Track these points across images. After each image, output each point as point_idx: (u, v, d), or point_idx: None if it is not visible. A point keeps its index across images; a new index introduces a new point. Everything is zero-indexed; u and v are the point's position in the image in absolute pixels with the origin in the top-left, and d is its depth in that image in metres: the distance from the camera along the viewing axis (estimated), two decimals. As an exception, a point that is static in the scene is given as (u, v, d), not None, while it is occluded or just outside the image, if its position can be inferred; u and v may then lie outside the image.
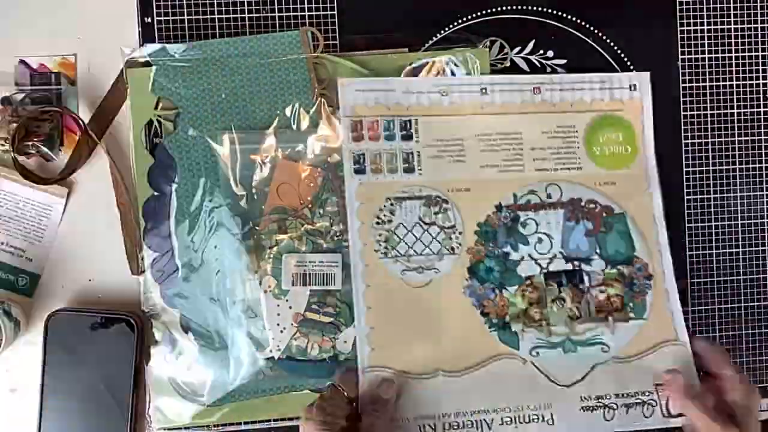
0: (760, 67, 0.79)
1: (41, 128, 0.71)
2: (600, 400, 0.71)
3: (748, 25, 0.78)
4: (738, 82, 0.78)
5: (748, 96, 0.78)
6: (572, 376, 0.71)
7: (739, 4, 0.78)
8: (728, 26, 0.78)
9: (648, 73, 0.76)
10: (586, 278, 0.73)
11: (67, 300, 0.73)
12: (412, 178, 0.72)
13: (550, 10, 0.76)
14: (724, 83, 0.78)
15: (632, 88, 0.75)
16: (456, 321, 0.71)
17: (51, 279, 0.73)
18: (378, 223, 0.71)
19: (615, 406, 0.71)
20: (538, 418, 0.70)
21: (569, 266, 0.73)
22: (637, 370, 0.71)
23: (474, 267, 0.72)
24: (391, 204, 0.72)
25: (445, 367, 0.69)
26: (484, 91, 0.73)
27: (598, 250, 0.74)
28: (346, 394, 0.66)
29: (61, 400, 0.70)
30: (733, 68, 0.78)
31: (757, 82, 0.78)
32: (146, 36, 0.72)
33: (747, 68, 0.78)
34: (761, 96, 0.79)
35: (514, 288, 0.72)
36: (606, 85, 0.75)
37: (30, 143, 0.71)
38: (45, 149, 0.71)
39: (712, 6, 0.78)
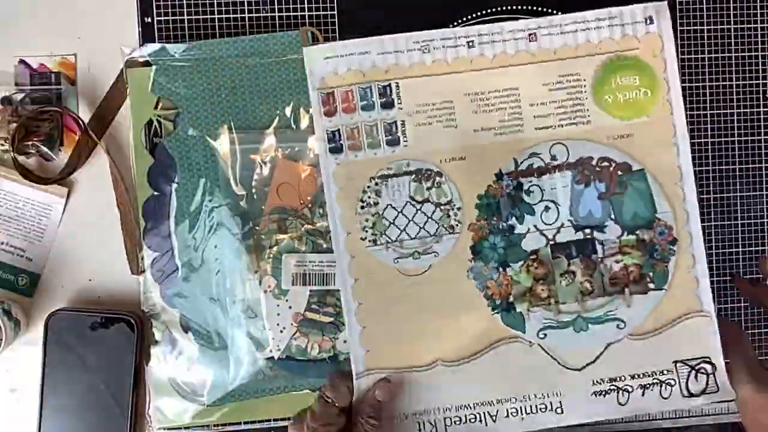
0: (760, 67, 0.78)
1: (41, 128, 0.71)
2: (613, 383, 0.65)
3: (748, 25, 0.78)
4: (738, 82, 0.78)
5: (748, 96, 0.78)
6: (583, 359, 0.65)
7: (739, 4, 0.78)
8: (728, 26, 0.78)
9: (665, 2, 0.67)
10: (599, 247, 0.66)
11: (67, 300, 0.73)
12: (398, 151, 0.65)
13: (550, 11, 0.76)
14: (724, 83, 0.78)
15: (648, 21, 0.66)
16: (458, 308, 0.65)
17: (51, 279, 0.73)
18: (362, 207, 0.65)
19: (630, 389, 0.65)
20: (546, 407, 0.65)
21: (579, 235, 0.66)
22: (655, 346, 0.65)
23: (477, 246, 0.65)
24: (376, 184, 0.65)
25: (444, 357, 0.64)
26: (471, 44, 0.65)
27: (612, 215, 0.66)
28: (336, 404, 0.62)
29: (61, 400, 0.70)
30: (733, 68, 0.78)
31: (757, 82, 0.78)
32: (146, 36, 0.72)
33: (747, 68, 0.78)
34: (761, 96, 0.79)
35: (519, 264, 0.65)
36: (616, 21, 0.66)
37: (30, 143, 0.71)
38: (45, 149, 0.71)
39: (711, 6, 0.78)
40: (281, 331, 0.72)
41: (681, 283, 0.66)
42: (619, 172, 0.66)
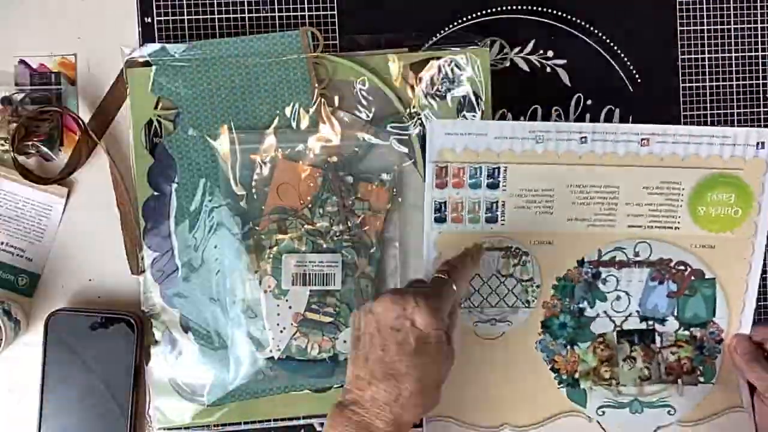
0: (760, 67, 0.78)
1: (41, 128, 0.71)
2: None
3: (748, 25, 0.78)
4: (738, 82, 0.78)
5: (748, 96, 0.78)
6: None
7: (739, 4, 0.78)
8: (728, 26, 0.78)
9: None
10: (658, 338, 0.72)
11: (67, 300, 0.73)
12: (495, 228, 0.70)
13: (550, 10, 0.76)
14: (724, 83, 0.78)
15: (759, 146, 0.70)
16: (525, 375, 0.71)
17: (51, 279, 0.73)
18: None
19: None
20: None
21: (643, 325, 0.72)
22: None
23: (548, 321, 0.71)
24: None
25: (511, 421, 0.70)
26: (584, 139, 0.69)
27: (675, 312, 0.72)
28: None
29: (61, 400, 0.70)
30: (733, 68, 0.78)
31: (757, 82, 0.78)
32: (146, 36, 0.72)
33: (747, 68, 0.78)
34: (761, 96, 0.79)
35: (587, 344, 0.71)
36: (728, 141, 0.70)
37: (30, 143, 0.71)
38: (45, 149, 0.71)
39: (711, 6, 0.78)
40: (281, 331, 0.72)
41: (726, 378, 0.72)
42: (693, 278, 0.72)
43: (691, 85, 0.77)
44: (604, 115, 0.76)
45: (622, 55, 0.77)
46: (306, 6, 0.74)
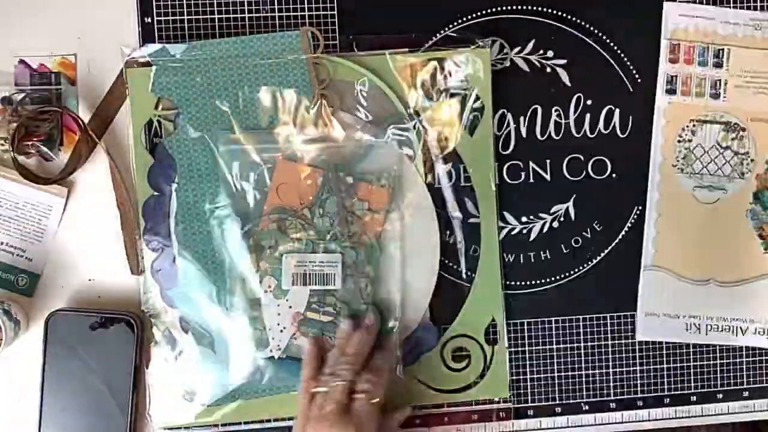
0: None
1: (41, 128, 0.71)
2: None
3: (748, 25, 0.78)
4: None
5: (748, 96, 0.78)
6: None
7: (738, 4, 0.77)
8: (728, 26, 0.78)
9: None
10: None
11: (67, 300, 0.73)
12: (717, 103, 0.77)
13: (550, 10, 0.76)
14: (724, 83, 0.78)
15: None
16: (734, 239, 0.78)
17: (51, 279, 0.73)
18: (679, 141, 0.77)
19: None
20: None
21: None
22: None
23: (759, 193, 0.78)
24: (694, 125, 0.77)
25: (717, 277, 0.78)
26: None
27: None
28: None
29: (61, 400, 0.70)
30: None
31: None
32: (146, 36, 0.72)
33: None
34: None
35: None
36: None
37: (30, 143, 0.71)
38: (45, 149, 0.71)
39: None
40: (281, 331, 0.72)
41: None
42: None
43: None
44: (605, 115, 0.76)
45: (622, 55, 0.77)
46: (306, 6, 0.74)
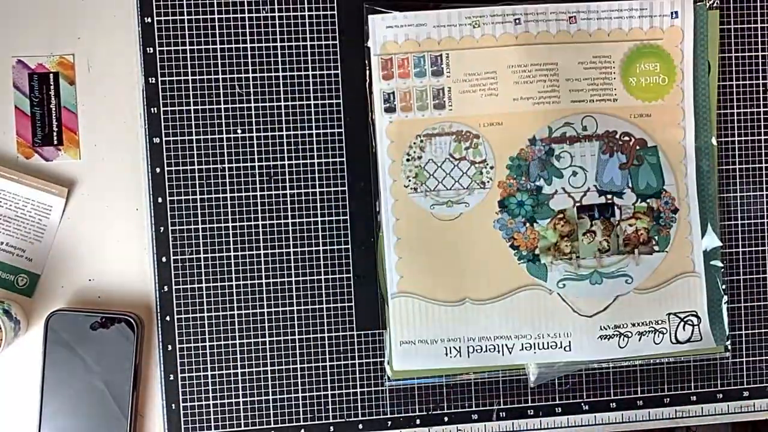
0: (760, 67, 0.78)
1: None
2: (617, 329, 0.74)
3: (748, 25, 0.78)
4: (738, 82, 0.78)
5: (748, 96, 0.78)
6: (595, 307, 0.74)
7: (739, 4, 0.77)
8: (728, 26, 0.78)
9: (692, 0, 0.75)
10: (617, 211, 0.74)
11: (67, 300, 0.73)
12: (443, 114, 0.73)
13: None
14: (724, 83, 0.78)
15: (673, 15, 0.74)
16: (485, 253, 0.74)
17: (51, 279, 0.72)
18: (408, 159, 0.73)
19: (629, 335, 0.75)
20: (556, 345, 0.74)
21: (602, 199, 0.74)
22: (653, 300, 0.75)
23: (505, 201, 0.74)
24: (421, 141, 0.73)
25: (472, 296, 0.73)
26: (517, 21, 0.73)
27: (630, 184, 0.75)
28: None
29: (61, 400, 0.70)
30: (733, 68, 0.78)
31: (757, 82, 0.78)
32: (146, 36, 0.72)
33: (747, 68, 0.78)
34: (761, 96, 0.79)
35: (546, 221, 0.74)
36: (646, 12, 0.74)
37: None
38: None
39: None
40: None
41: (679, 247, 0.75)
42: (638, 147, 0.75)
43: (691, 84, 0.78)
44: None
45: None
46: (306, 6, 0.74)
